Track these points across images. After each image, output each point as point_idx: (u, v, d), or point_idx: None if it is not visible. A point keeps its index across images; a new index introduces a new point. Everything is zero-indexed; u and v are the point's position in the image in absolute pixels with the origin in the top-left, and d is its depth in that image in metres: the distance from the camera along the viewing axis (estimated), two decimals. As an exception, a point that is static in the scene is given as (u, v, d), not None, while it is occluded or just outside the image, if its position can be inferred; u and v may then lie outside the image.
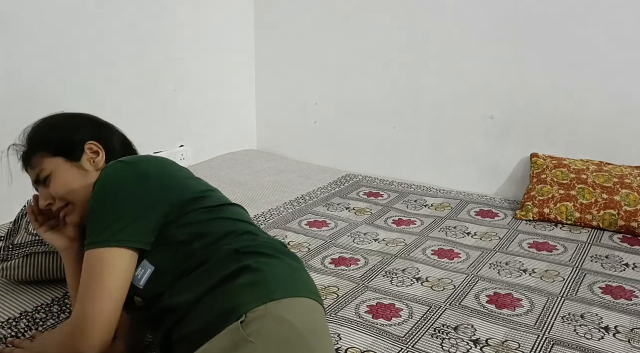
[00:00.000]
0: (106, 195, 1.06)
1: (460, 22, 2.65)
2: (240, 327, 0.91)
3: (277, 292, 0.99)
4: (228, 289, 0.99)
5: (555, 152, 2.51)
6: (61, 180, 1.17)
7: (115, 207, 1.04)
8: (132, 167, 1.09)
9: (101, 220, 1.04)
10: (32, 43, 2.18)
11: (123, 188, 1.06)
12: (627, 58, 2.33)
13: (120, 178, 1.07)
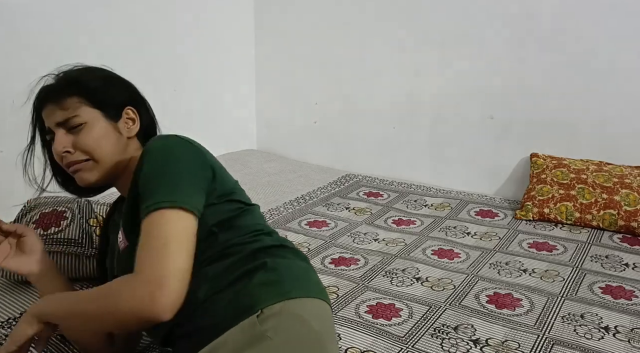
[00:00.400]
0: (177, 159, 1.01)
1: (461, 22, 2.65)
2: (257, 322, 0.91)
3: (292, 291, 0.99)
4: (243, 287, 0.98)
5: (555, 152, 2.51)
6: (96, 133, 1.10)
7: (186, 172, 1.00)
8: (191, 142, 1.07)
9: (176, 181, 0.98)
10: (32, 43, 2.17)
11: (189, 157, 1.03)
12: (627, 58, 2.33)
13: (187, 147, 1.04)
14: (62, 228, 1.62)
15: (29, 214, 1.67)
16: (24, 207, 1.72)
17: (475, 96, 2.68)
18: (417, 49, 2.78)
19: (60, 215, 1.66)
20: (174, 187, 0.97)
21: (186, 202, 0.96)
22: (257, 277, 0.99)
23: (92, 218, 1.68)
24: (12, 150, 2.16)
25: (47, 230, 1.61)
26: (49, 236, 1.60)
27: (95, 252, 1.62)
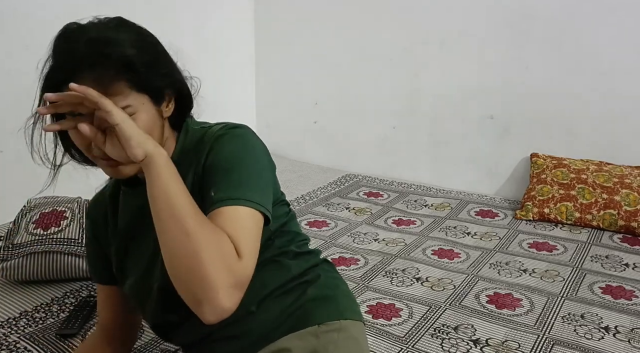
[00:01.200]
0: (256, 156, 0.93)
1: (461, 22, 2.65)
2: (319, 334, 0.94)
3: (347, 311, 1.02)
4: (297, 299, 0.99)
5: (555, 152, 2.51)
6: (145, 121, 0.88)
7: (262, 170, 0.93)
8: (260, 139, 0.98)
9: (254, 179, 0.90)
10: (32, 43, 2.17)
11: (264, 155, 0.96)
12: (627, 58, 2.33)
13: (261, 142, 0.96)
14: (62, 228, 1.62)
15: (29, 214, 1.67)
16: (24, 207, 1.72)
17: (475, 96, 2.68)
18: (417, 49, 2.78)
19: (60, 215, 1.66)
20: (258, 190, 0.90)
21: (265, 204, 0.89)
22: (311, 290, 1.01)
23: (92, 218, 1.68)
24: (12, 150, 2.17)
25: (47, 230, 1.61)
26: (48, 236, 1.60)
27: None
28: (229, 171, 0.89)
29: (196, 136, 0.97)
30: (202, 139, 0.95)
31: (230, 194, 0.86)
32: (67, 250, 1.60)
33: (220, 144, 0.92)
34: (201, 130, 0.98)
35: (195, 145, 0.96)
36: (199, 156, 0.93)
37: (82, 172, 1.05)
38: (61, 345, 1.34)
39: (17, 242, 1.60)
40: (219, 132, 0.94)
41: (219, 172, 0.89)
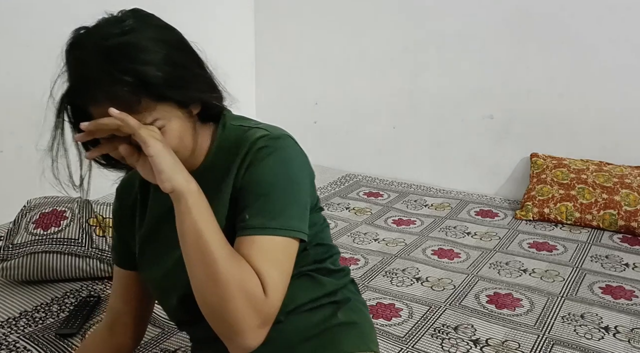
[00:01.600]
0: (296, 176, 0.90)
1: (461, 23, 2.64)
2: None
3: (372, 343, 1.02)
4: (326, 320, 0.98)
5: (555, 152, 2.51)
6: (176, 131, 0.85)
7: (303, 191, 0.90)
8: (300, 148, 0.95)
9: (291, 204, 0.88)
10: (32, 43, 2.17)
11: (305, 170, 0.93)
12: (627, 58, 2.33)
13: (303, 157, 0.93)
14: (62, 228, 1.62)
15: (29, 214, 1.67)
16: (24, 207, 1.72)
17: (475, 96, 2.68)
18: (417, 49, 2.78)
19: (60, 215, 1.66)
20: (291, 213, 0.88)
21: (302, 228, 0.88)
22: (340, 313, 0.99)
23: (92, 218, 1.68)
24: (12, 150, 2.17)
25: (47, 230, 1.61)
26: (48, 236, 1.60)
27: (96, 251, 1.62)
28: (267, 196, 0.86)
29: (234, 134, 0.94)
30: (241, 139, 0.91)
31: (266, 222, 0.85)
32: (67, 250, 1.60)
33: (261, 161, 0.88)
34: (240, 129, 0.95)
35: (233, 143, 0.92)
36: (236, 160, 0.89)
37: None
38: (61, 344, 1.34)
39: (17, 242, 1.60)
40: (261, 142, 0.89)
41: (256, 195, 0.86)
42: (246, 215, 0.86)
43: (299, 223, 0.87)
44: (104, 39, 0.79)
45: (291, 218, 0.87)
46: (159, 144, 0.79)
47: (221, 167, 0.91)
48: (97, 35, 0.81)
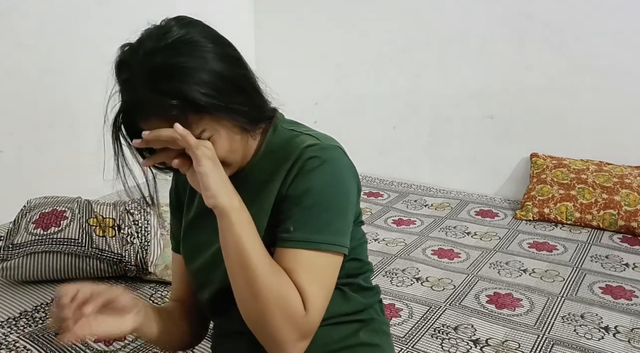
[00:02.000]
0: (345, 192, 0.89)
1: (461, 23, 2.64)
2: None
3: None
4: (348, 337, 0.97)
5: (555, 152, 2.51)
6: (225, 141, 0.85)
7: (346, 206, 0.89)
8: (349, 160, 0.93)
9: (336, 218, 0.87)
10: (32, 43, 2.17)
11: (353, 186, 0.91)
12: (627, 58, 2.33)
13: (353, 172, 0.92)
14: (62, 228, 1.62)
15: (29, 214, 1.67)
16: (24, 207, 1.72)
17: (475, 96, 2.68)
18: (417, 49, 2.78)
19: (60, 214, 1.66)
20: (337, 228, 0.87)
21: (346, 243, 0.88)
22: (363, 333, 0.98)
23: (92, 218, 1.68)
24: (12, 150, 2.17)
25: (47, 230, 1.61)
26: (48, 236, 1.60)
27: (96, 251, 1.62)
28: (313, 208, 0.85)
29: (284, 138, 0.93)
30: (290, 144, 0.90)
31: (310, 236, 0.84)
32: (67, 250, 1.59)
33: (309, 172, 0.86)
34: (290, 133, 0.94)
35: (282, 147, 0.91)
36: (283, 166, 0.88)
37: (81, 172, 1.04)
38: (60, 344, 1.34)
39: (17, 242, 1.60)
40: (310, 152, 0.87)
41: (302, 207, 0.85)
42: (290, 226, 0.85)
43: (343, 238, 0.87)
44: (148, 56, 0.81)
45: (336, 232, 0.86)
46: (209, 162, 0.81)
47: (267, 169, 0.91)
48: (142, 52, 0.81)
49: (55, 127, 2.30)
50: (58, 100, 2.30)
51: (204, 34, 0.88)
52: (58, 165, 2.32)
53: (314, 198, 0.86)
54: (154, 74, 0.80)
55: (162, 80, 0.79)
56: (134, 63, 0.81)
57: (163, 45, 0.81)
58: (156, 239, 1.68)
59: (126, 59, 0.83)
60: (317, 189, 0.86)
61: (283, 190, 0.88)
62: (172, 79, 0.80)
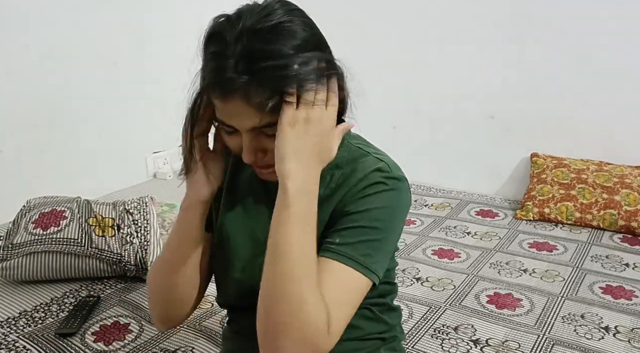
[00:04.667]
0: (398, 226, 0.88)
1: (461, 22, 2.64)
2: None
3: None
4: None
5: (555, 152, 2.50)
6: None
7: (393, 241, 0.88)
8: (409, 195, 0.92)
9: (383, 250, 0.86)
10: (32, 43, 2.17)
11: (404, 219, 0.90)
12: (627, 58, 2.33)
13: (407, 209, 0.91)
14: (62, 227, 1.62)
15: (29, 214, 1.67)
16: (24, 206, 1.72)
17: (475, 96, 2.68)
18: (417, 48, 2.78)
19: (59, 214, 1.66)
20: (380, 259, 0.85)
21: (379, 275, 0.85)
22: (384, 349, 0.98)
23: (92, 217, 1.68)
24: (12, 150, 2.17)
25: (47, 230, 1.61)
26: (48, 236, 1.60)
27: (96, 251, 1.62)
28: (366, 232, 0.83)
29: (351, 154, 0.90)
30: (357, 163, 0.88)
31: (355, 254, 0.81)
32: (67, 250, 1.59)
33: (374, 195, 0.84)
34: (358, 151, 0.91)
35: (349, 164, 0.89)
36: (347, 184, 0.86)
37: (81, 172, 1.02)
38: (60, 344, 1.34)
39: (16, 241, 1.60)
40: (380, 177, 0.86)
41: (356, 226, 0.83)
42: (337, 238, 0.82)
43: (380, 269, 0.85)
44: (248, 34, 0.74)
45: (377, 262, 0.84)
46: None
47: (331, 183, 0.88)
48: (241, 28, 0.75)
49: (55, 127, 2.30)
50: (58, 100, 2.30)
51: (307, 22, 0.84)
52: (58, 165, 2.32)
53: (370, 221, 0.83)
54: (251, 54, 0.74)
55: (260, 64, 0.74)
56: (231, 38, 0.75)
57: (265, 26, 0.75)
58: (156, 239, 1.68)
59: (221, 31, 0.77)
60: (375, 213, 0.84)
61: (341, 206, 0.85)
62: (268, 64, 0.74)
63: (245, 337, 0.99)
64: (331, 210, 0.86)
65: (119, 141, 2.55)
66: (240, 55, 0.74)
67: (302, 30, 0.80)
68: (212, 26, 0.79)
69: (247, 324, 0.98)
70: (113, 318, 1.46)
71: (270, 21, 0.76)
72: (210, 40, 0.79)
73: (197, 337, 1.38)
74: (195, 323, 1.44)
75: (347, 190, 0.86)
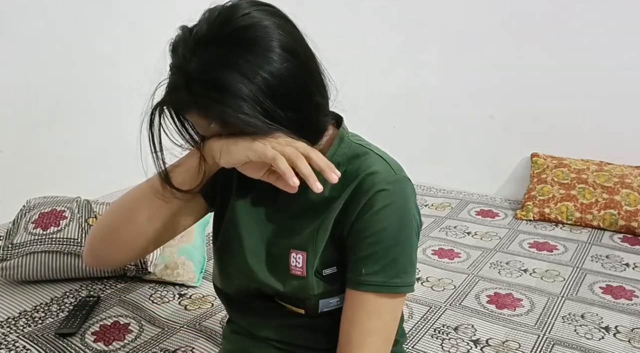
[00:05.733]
0: (412, 230, 0.84)
1: (461, 22, 2.64)
2: None
3: None
4: None
5: (555, 151, 2.50)
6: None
7: (416, 245, 0.86)
8: (414, 191, 0.87)
9: (412, 259, 0.84)
10: (32, 43, 2.17)
11: (418, 221, 0.87)
12: (627, 58, 2.33)
13: (416, 207, 0.86)
14: (62, 227, 1.62)
15: (29, 214, 1.67)
16: (24, 206, 1.72)
17: (475, 96, 2.68)
18: (417, 48, 2.78)
19: (59, 214, 1.66)
20: (411, 268, 0.84)
21: (414, 281, 0.85)
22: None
23: (92, 217, 1.68)
24: (12, 150, 2.17)
25: (47, 230, 1.61)
26: (48, 236, 1.60)
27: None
28: (389, 252, 0.81)
29: (350, 152, 0.87)
30: (356, 162, 0.86)
31: (386, 281, 0.81)
32: (67, 250, 1.59)
33: (382, 211, 0.80)
34: (358, 148, 0.88)
35: (350, 161, 0.86)
36: (347, 188, 0.83)
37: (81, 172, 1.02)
38: (60, 344, 1.34)
39: (16, 241, 1.60)
40: (381, 184, 0.81)
41: (375, 247, 0.81)
42: (364, 269, 0.81)
43: (413, 276, 0.84)
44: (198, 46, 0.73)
45: (409, 273, 0.83)
46: None
47: (330, 184, 0.81)
48: (193, 40, 0.74)
49: (55, 127, 2.30)
50: (58, 100, 2.29)
51: (273, 31, 0.77)
52: (58, 165, 2.31)
53: (388, 240, 0.81)
54: (198, 79, 0.72)
55: (205, 89, 0.72)
56: (183, 50, 0.74)
57: (218, 36, 0.72)
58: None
59: (176, 44, 0.77)
60: (391, 231, 0.81)
61: (347, 219, 0.83)
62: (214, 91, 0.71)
63: (245, 337, 0.99)
64: (334, 215, 0.84)
65: (119, 141, 2.55)
66: (189, 73, 0.72)
67: (266, 37, 0.75)
68: (174, 38, 0.79)
69: (246, 324, 0.98)
70: (113, 318, 1.46)
71: (227, 29, 0.73)
72: (171, 51, 0.78)
73: (197, 337, 1.38)
74: (195, 323, 1.44)
75: (348, 196, 0.83)
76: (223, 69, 0.71)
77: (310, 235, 0.85)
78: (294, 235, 0.87)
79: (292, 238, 0.87)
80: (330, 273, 0.86)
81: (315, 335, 0.93)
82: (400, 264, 0.82)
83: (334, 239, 0.85)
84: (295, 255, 0.86)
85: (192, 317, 1.47)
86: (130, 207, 0.91)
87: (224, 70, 0.71)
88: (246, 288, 0.93)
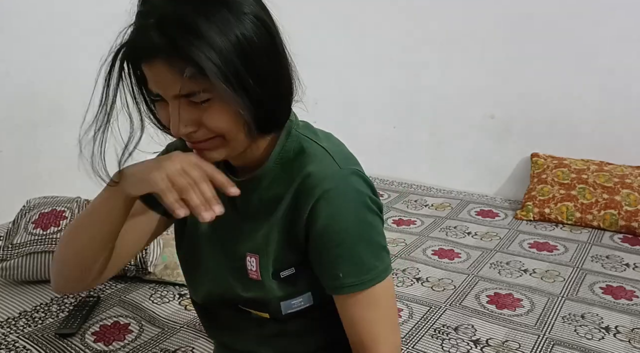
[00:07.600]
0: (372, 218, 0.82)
1: (461, 22, 2.64)
2: None
3: None
4: None
5: (556, 151, 2.50)
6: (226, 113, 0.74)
7: (380, 232, 0.84)
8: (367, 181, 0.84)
9: (381, 244, 0.83)
10: (31, 43, 2.17)
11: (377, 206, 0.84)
12: (627, 58, 2.33)
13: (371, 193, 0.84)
14: (62, 227, 1.62)
15: (29, 214, 1.67)
16: (24, 207, 1.72)
17: (475, 96, 2.68)
18: (418, 48, 2.78)
19: (59, 214, 1.66)
20: (384, 251, 0.83)
21: (390, 262, 0.85)
22: None
23: (92, 218, 1.67)
24: (12, 150, 2.17)
25: (47, 230, 1.61)
26: (48, 236, 1.60)
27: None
28: (351, 247, 0.79)
29: (298, 145, 0.83)
30: (301, 156, 0.82)
31: (362, 277, 0.80)
32: (67, 250, 1.59)
33: (332, 211, 0.78)
34: (305, 140, 0.83)
35: (294, 157, 0.82)
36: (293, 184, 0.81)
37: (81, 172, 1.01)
38: (60, 344, 1.34)
39: (16, 242, 1.60)
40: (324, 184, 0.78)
41: (339, 249, 0.79)
42: (339, 273, 0.80)
43: (389, 260, 0.84)
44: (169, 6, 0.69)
45: (384, 259, 0.82)
46: None
47: (281, 179, 0.82)
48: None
49: (54, 127, 2.30)
50: (57, 100, 2.29)
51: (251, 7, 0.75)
52: (58, 165, 2.31)
53: (350, 240, 0.79)
54: (172, 20, 0.69)
55: (179, 31, 0.68)
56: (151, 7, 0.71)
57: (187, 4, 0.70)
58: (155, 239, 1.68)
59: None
60: (350, 230, 0.79)
61: (299, 221, 0.80)
62: (189, 34, 0.68)
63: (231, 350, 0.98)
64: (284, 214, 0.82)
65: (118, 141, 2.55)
66: (163, 15, 0.69)
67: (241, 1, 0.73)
68: None
69: (226, 340, 0.98)
70: (113, 318, 1.46)
71: None
72: (140, 3, 0.74)
73: (197, 337, 1.38)
74: (195, 323, 1.44)
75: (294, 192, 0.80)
76: (199, 16, 0.69)
77: (263, 237, 0.84)
78: (248, 238, 0.86)
79: (247, 242, 0.86)
80: (288, 275, 0.84)
81: (293, 340, 0.91)
82: (370, 256, 0.81)
83: (289, 240, 0.82)
84: (250, 259, 0.85)
85: (192, 317, 1.47)
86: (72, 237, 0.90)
87: (200, 18, 0.69)
88: (211, 295, 0.92)
